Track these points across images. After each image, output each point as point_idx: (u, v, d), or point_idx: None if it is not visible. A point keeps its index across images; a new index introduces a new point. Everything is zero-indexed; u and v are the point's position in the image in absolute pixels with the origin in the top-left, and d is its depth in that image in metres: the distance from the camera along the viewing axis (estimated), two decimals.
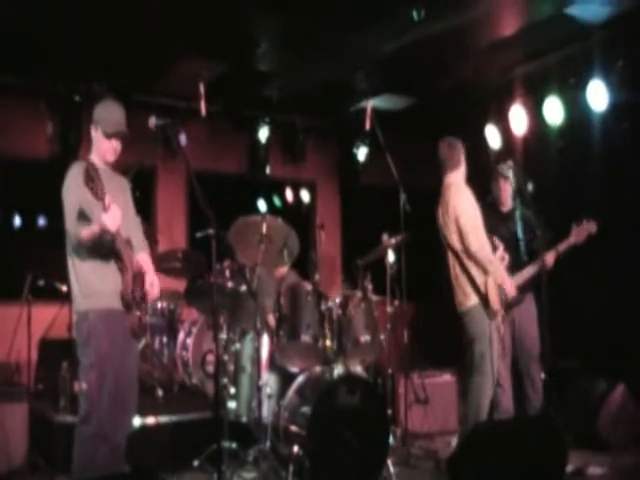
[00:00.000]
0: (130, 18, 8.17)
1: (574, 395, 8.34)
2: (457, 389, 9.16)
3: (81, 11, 8.00)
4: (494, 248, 7.20)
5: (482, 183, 7.64)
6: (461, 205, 7.05)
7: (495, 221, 7.59)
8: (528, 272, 7.58)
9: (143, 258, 5.92)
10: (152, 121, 5.69)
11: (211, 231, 5.48)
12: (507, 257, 7.29)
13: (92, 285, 5.57)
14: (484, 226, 7.08)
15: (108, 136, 5.73)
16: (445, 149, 7.38)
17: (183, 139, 9.17)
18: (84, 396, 5.58)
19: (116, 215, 5.33)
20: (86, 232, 5.39)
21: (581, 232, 7.54)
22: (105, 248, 5.50)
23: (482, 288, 6.95)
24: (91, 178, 5.27)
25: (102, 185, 5.30)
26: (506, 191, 7.91)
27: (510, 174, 7.78)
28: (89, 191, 5.28)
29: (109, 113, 5.80)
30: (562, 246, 7.59)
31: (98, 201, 5.30)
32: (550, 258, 7.52)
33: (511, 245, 7.56)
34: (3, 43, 8.61)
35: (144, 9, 7.97)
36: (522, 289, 7.49)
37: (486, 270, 6.94)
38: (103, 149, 5.78)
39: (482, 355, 6.96)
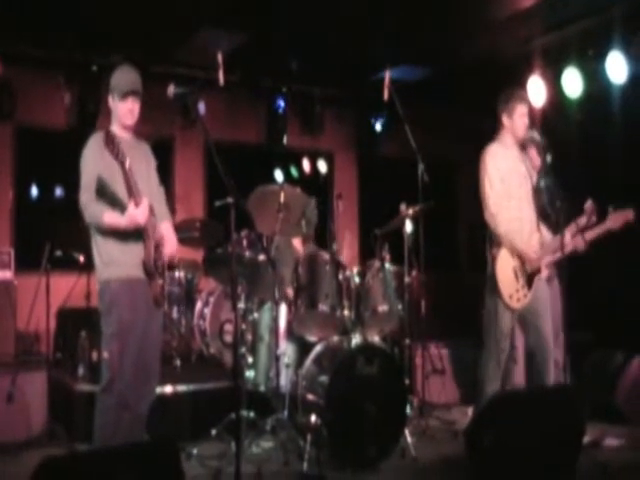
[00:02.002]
0: None
1: (591, 367, 8.35)
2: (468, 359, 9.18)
3: None
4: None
5: None
6: (481, 173, 6.98)
7: None
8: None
9: (166, 227, 5.93)
10: (171, 89, 5.69)
11: (230, 200, 5.46)
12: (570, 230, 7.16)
13: (114, 254, 5.58)
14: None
15: (123, 96, 5.73)
16: None
17: (202, 108, 9.19)
18: (106, 365, 5.59)
19: (145, 210, 5.44)
20: (109, 220, 5.46)
21: (618, 218, 7.30)
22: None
23: (489, 260, 6.94)
24: (111, 140, 5.32)
25: (123, 149, 5.34)
26: (534, 159, 7.73)
27: (541, 141, 7.59)
28: (109, 154, 5.31)
29: (122, 75, 5.81)
30: (597, 230, 7.24)
31: (118, 164, 5.35)
32: (579, 241, 7.22)
33: None
34: (21, 13, 8.60)
35: None
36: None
37: (499, 241, 6.90)
38: (121, 113, 5.79)
39: (485, 328, 6.96)
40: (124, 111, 5.77)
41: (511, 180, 6.97)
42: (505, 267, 6.82)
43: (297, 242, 8.51)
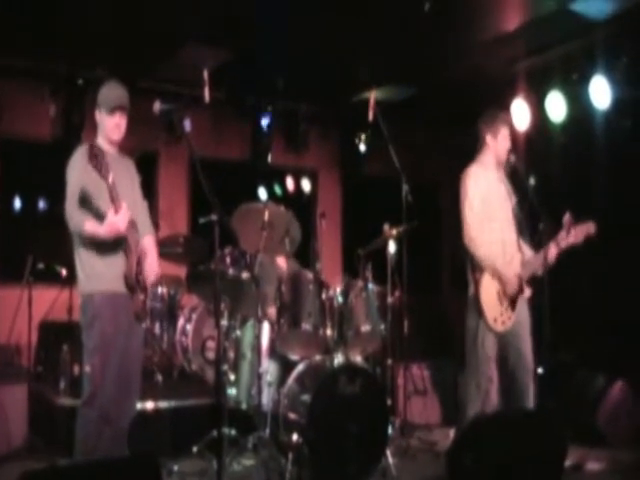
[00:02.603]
0: (135, 2, 8.16)
1: (572, 389, 8.35)
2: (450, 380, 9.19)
3: None
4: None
5: None
6: (462, 195, 7.00)
7: None
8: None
9: (148, 241, 5.94)
10: (157, 106, 5.71)
11: (214, 217, 5.47)
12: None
13: (97, 267, 5.59)
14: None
15: (110, 111, 5.76)
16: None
17: (187, 124, 9.16)
18: (88, 379, 5.59)
19: (125, 216, 5.44)
20: (90, 228, 5.47)
21: (580, 232, 7.34)
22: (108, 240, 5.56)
23: (472, 283, 6.95)
24: (95, 155, 5.32)
25: (107, 164, 5.34)
26: None
27: (512, 164, 7.58)
28: (93, 169, 5.32)
29: (110, 90, 5.85)
30: (562, 243, 7.37)
31: (102, 179, 5.35)
32: (553, 252, 7.31)
33: None
34: (7, 25, 8.58)
35: None
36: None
37: (481, 266, 6.91)
38: (107, 128, 5.81)
39: (467, 351, 6.96)
40: (111, 126, 5.79)
41: (492, 201, 6.99)
42: (489, 291, 6.83)
43: (281, 260, 8.50)
